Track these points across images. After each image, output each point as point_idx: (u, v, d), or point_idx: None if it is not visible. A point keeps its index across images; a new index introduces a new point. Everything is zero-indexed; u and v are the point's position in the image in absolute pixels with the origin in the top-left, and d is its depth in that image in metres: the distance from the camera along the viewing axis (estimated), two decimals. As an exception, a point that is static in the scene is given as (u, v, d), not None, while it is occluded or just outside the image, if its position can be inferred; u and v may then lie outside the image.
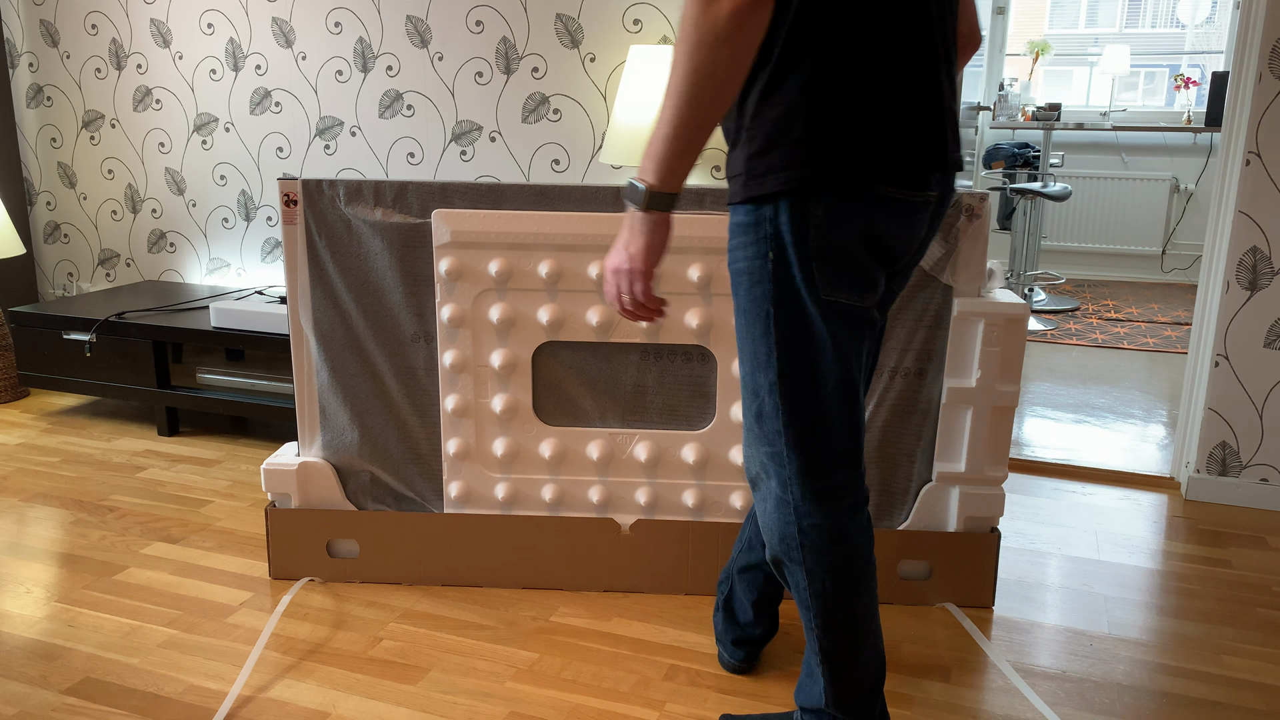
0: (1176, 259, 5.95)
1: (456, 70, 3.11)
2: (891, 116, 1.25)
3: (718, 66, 1.13)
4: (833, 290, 1.28)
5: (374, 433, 2.11)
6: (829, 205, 1.24)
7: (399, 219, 1.99)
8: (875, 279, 1.32)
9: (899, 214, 1.29)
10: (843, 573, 1.38)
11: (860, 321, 1.33)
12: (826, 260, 1.26)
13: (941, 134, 1.31)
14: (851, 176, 1.23)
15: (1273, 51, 2.43)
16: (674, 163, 1.19)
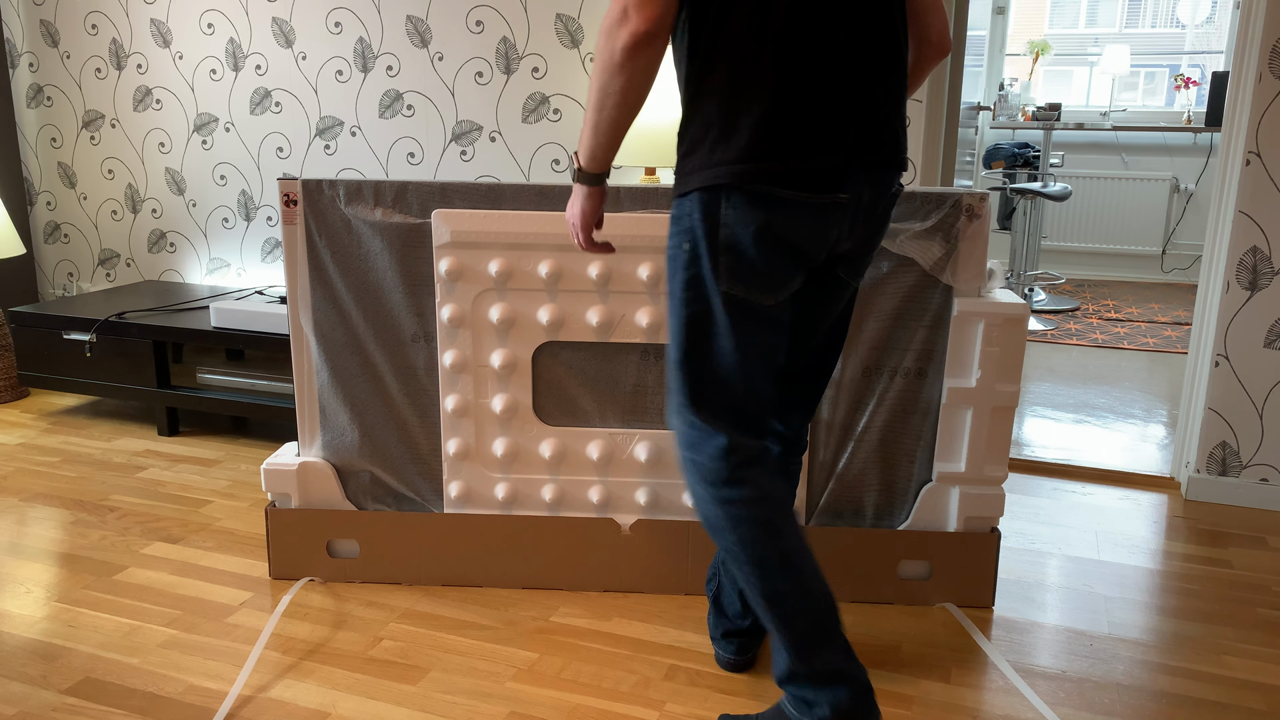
0: (1176, 259, 5.95)
1: (456, 70, 3.11)
2: (793, 124, 1.37)
3: (616, 88, 1.36)
4: (733, 284, 1.43)
5: (374, 433, 2.11)
6: (734, 206, 1.39)
7: (399, 219, 1.99)
8: (780, 277, 1.44)
9: (806, 215, 1.40)
10: (759, 528, 1.48)
11: (760, 317, 1.46)
12: (729, 256, 1.42)
13: (860, 137, 1.40)
14: (754, 181, 1.37)
15: (1273, 51, 2.43)
16: (596, 153, 1.46)
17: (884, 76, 1.43)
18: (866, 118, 1.41)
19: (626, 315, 1.99)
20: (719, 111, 1.38)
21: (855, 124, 1.40)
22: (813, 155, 1.38)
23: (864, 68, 1.41)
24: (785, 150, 1.37)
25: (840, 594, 2.11)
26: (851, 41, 1.39)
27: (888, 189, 1.49)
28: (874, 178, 1.45)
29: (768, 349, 1.50)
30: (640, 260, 1.96)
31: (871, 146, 1.43)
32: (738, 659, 1.84)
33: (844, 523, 2.09)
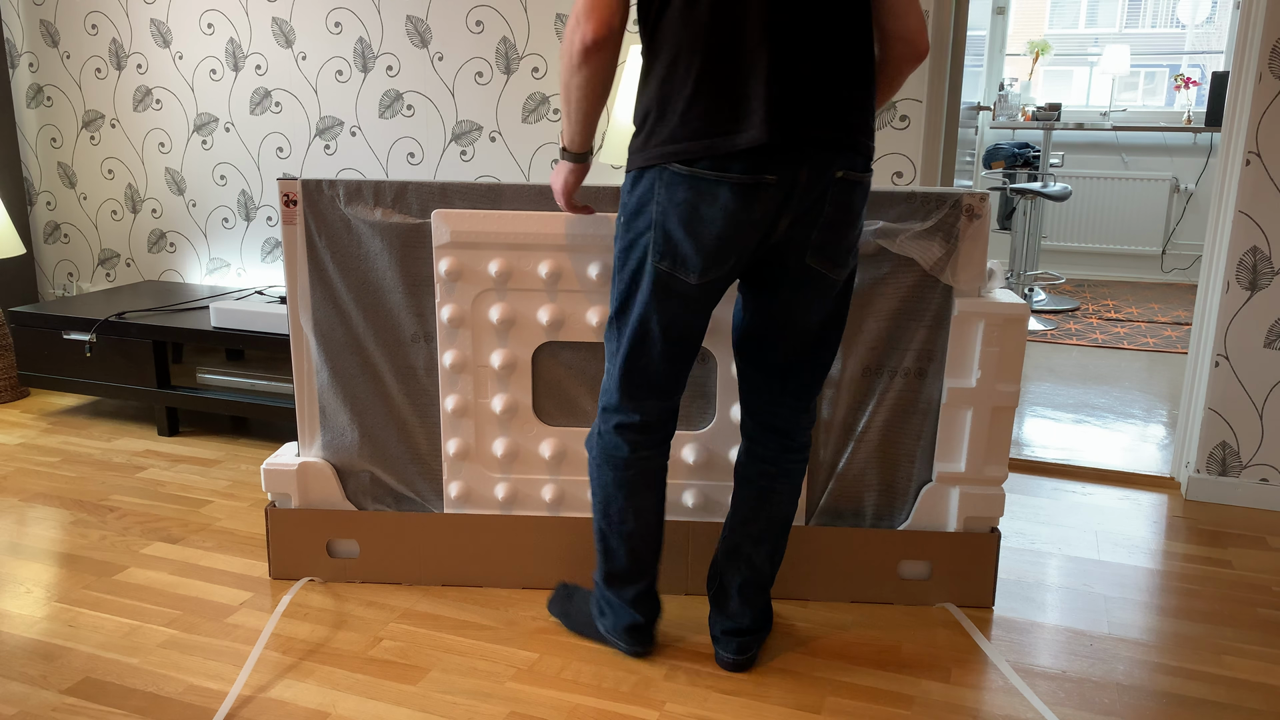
0: (1176, 259, 5.95)
1: (456, 70, 3.11)
2: (715, 108, 1.47)
3: (577, 84, 1.53)
4: (660, 259, 1.56)
5: (374, 433, 2.11)
6: (665, 185, 1.52)
7: (399, 219, 1.99)
8: (706, 258, 1.53)
9: (729, 196, 1.49)
10: (617, 473, 1.74)
11: (682, 295, 1.58)
12: (659, 233, 1.55)
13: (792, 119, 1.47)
14: (681, 161, 1.49)
15: (1273, 51, 2.43)
16: (574, 137, 1.63)
17: (827, 61, 1.49)
18: (800, 101, 1.48)
19: (626, 315, 1.99)
20: (656, 98, 1.51)
21: (784, 107, 1.47)
22: (734, 137, 1.47)
23: (799, 53, 1.47)
24: (708, 132, 1.47)
25: (840, 594, 2.11)
26: (784, 28, 1.46)
27: (828, 171, 1.51)
28: (812, 160, 1.50)
29: (684, 327, 1.63)
30: (640, 260, 1.96)
31: (806, 128, 1.48)
32: (738, 658, 1.84)
33: (844, 523, 2.09)
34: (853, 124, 1.52)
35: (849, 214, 1.58)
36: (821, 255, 1.59)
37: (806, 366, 1.72)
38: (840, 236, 1.59)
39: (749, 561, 1.82)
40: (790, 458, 1.79)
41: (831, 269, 1.61)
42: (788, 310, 1.65)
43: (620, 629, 1.86)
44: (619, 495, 1.75)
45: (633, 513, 1.76)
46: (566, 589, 2.01)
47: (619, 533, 1.78)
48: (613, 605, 1.86)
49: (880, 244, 1.93)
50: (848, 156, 1.53)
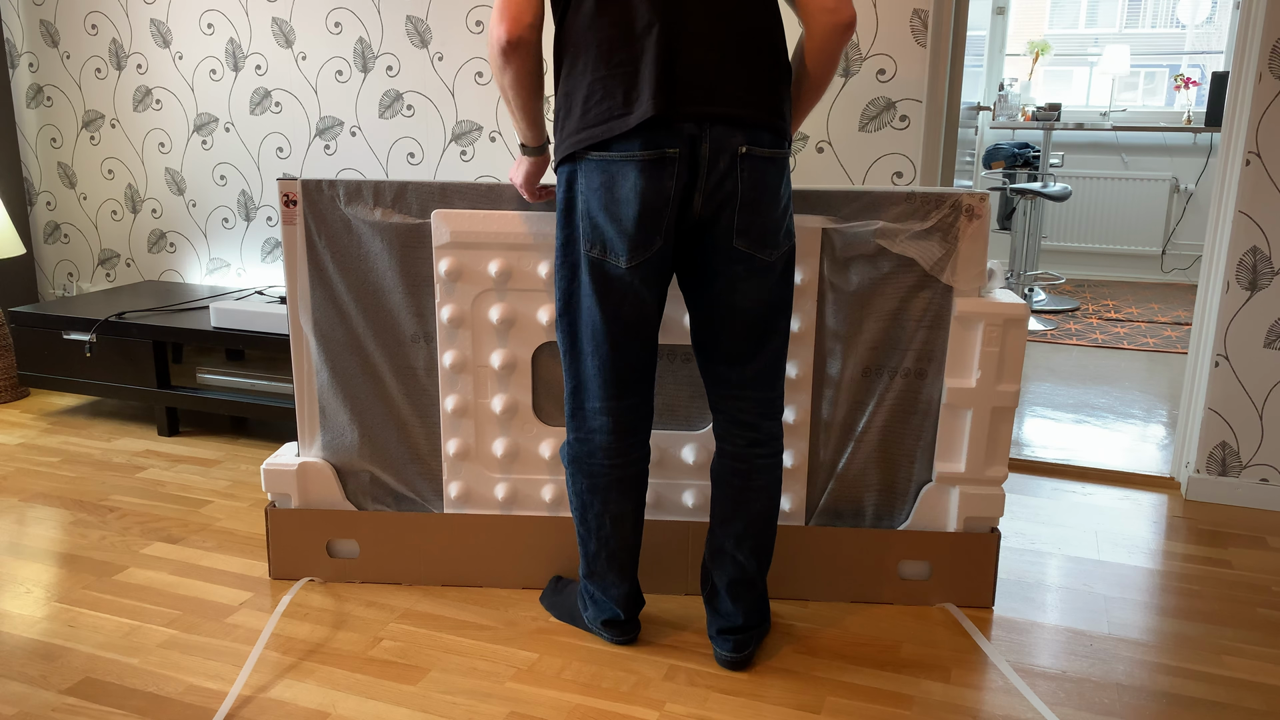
0: (1176, 259, 5.95)
1: (456, 70, 3.11)
2: (609, 91, 1.54)
3: (506, 84, 1.63)
4: (590, 246, 1.61)
5: (374, 433, 2.11)
6: (582, 173, 1.59)
7: (399, 219, 1.99)
8: (630, 238, 1.58)
9: (636, 172, 1.55)
10: (588, 481, 1.77)
11: (618, 280, 1.62)
12: (586, 220, 1.61)
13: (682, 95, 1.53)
14: (587, 147, 1.57)
15: (1273, 51, 2.43)
16: (523, 131, 1.71)
17: (722, 42, 1.54)
18: (690, 78, 1.53)
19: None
20: (564, 94, 1.60)
21: (671, 83, 1.52)
22: (627, 117, 1.53)
23: (691, 38, 1.53)
24: (607, 116, 1.54)
25: (840, 594, 2.11)
26: (669, 8, 1.52)
27: (731, 146, 1.55)
28: (711, 135, 1.54)
29: (628, 316, 1.66)
30: (640, 260, 1.96)
31: (698, 105, 1.53)
32: (735, 656, 1.84)
33: (844, 523, 2.09)
34: (753, 101, 1.56)
35: (765, 192, 1.60)
36: (747, 237, 1.62)
37: (757, 355, 1.73)
38: (761, 216, 1.61)
39: (734, 560, 1.82)
40: (759, 452, 1.79)
41: (760, 249, 1.63)
42: (726, 297, 1.67)
43: (602, 621, 1.91)
44: (594, 502, 1.78)
45: (609, 519, 1.79)
46: (559, 582, 2.08)
47: (598, 538, 1.81)
48: (595, 600, 1.90)
49: (880, 244, 1.93)
50: (752, 133, 1.56)
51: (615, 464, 1.75)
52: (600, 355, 1.68)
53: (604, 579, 1.86)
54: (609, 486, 1.76)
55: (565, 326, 1.71)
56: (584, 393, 1.73)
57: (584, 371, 1.71)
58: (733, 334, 1.70)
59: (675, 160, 1.55)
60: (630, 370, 1.71)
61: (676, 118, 1.53)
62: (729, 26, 1.55)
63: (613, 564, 1.84)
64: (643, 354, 1.71)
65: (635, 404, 1.74)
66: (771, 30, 1.59)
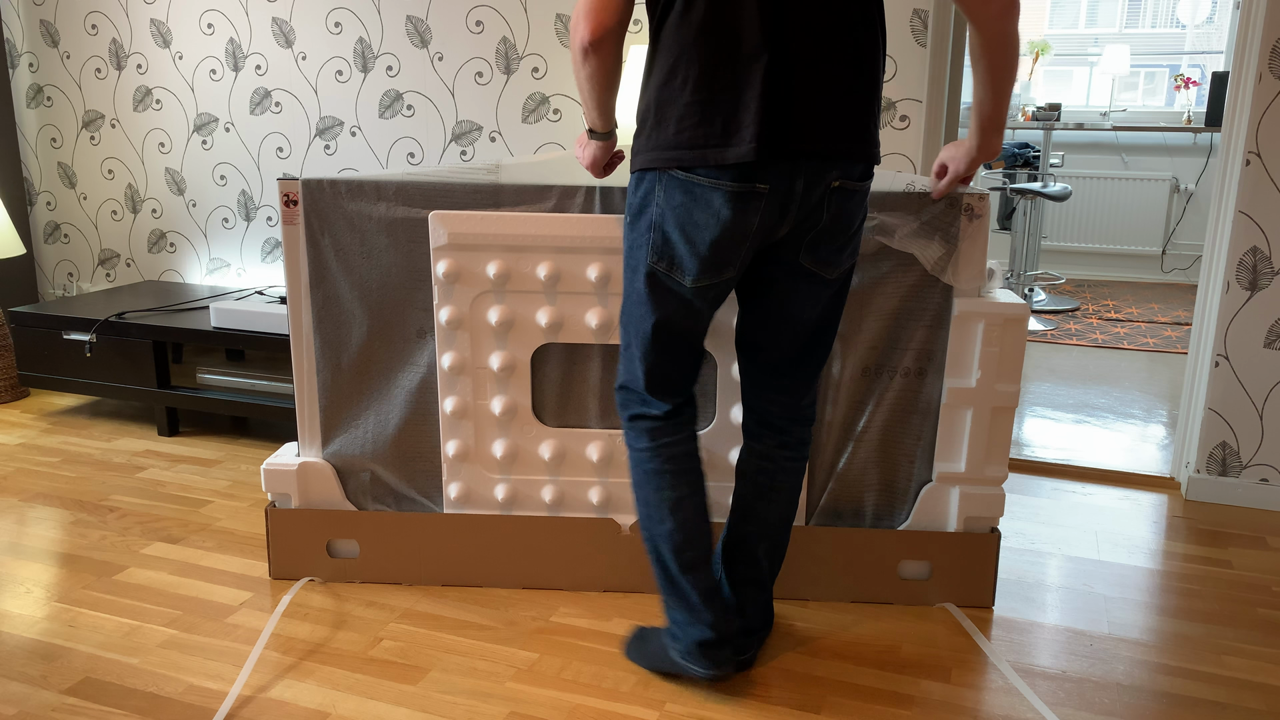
0: (1176, 259, 5.95)
1: (456, 70, 3.11)
2: (709, 115, 1.49)
3: (585, 76, 1.59)
4: (657, 260, 1.59)
5: (374, 433, 2.11)
6: (663, 189, 1.55)
7: (400, 215, 1.99)
8: (700, 262, 1.55)
9: (723, 203, 1.51)
10: (644, 467, 1.72)
11: (677, 295, 1.60)
12: (656, 234, 1.57)
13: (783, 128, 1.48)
14: (676, 167, 1.52)
15: (1273, 51, 2.43)
16: (594, 120, 1.68)
17: (828, 68, 1.49)
18: (795, 115, 1.49)
19: (626, 315, 1.99)
20: (654, 101, 1.55)
21: (776, 123, 1.48)
22: (724, 150, 1.49)
23: (798, 62, 1.48)
24: (701, 143, 1.50)
25: (840, 594, 2.11)
26: (782, 35, 1.47)
27: (824, 180, 1.53)
28: (806, 170, 1.51)
29: (678, 327, 1.64)
30: (640, 260, 1.96)
31: (799, 142, 1.49)
32: (737, 658, 1.83)
33: (844, 523, 2.09)
34: (851, 134, 1.53)
35: (846, 221, 1.60)
36: (815, 256, 1.61)
37: (801, 364, 1.74)
38: (835, 241, 1.61)
39: (748, 559, 1.82)
40: (787, 454, 1.79)
41: (825, 269, 1.63)
42: (782, 308, 1.67)
43: (691, 645, 1.70)
44: (650, 490, 1.71)
45: (669, 508, 1.70)
46: (642, 630, 1.89)
47: (663, 534, 1.70)
48: (680, 625, 1.72)
49: (880, 240, 1.93)
50: (845, 165, 1.54)
51: (665, 444, 1.71)
52: (649, 360, 1.68)
53: (682, 589, 1.70)
54: (662, 469, 1.70)
55: (625, 321, 1.70)
56: (633, 390, 1.73)
57: (635, 372, 1.71)
58: (781, 341, 1.71)
59: (764, 196, 1.52)
60: (677, 373, 1.70)
61: (776, 155, 1.50)
62: (835, 53, 1.50)
63: (684, 563, 1.70)
64: (689, 361, 1.70)
65: (680, 400, 1.73)
66: (875, 53, 1.54)
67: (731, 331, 1.98)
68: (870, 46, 1.53)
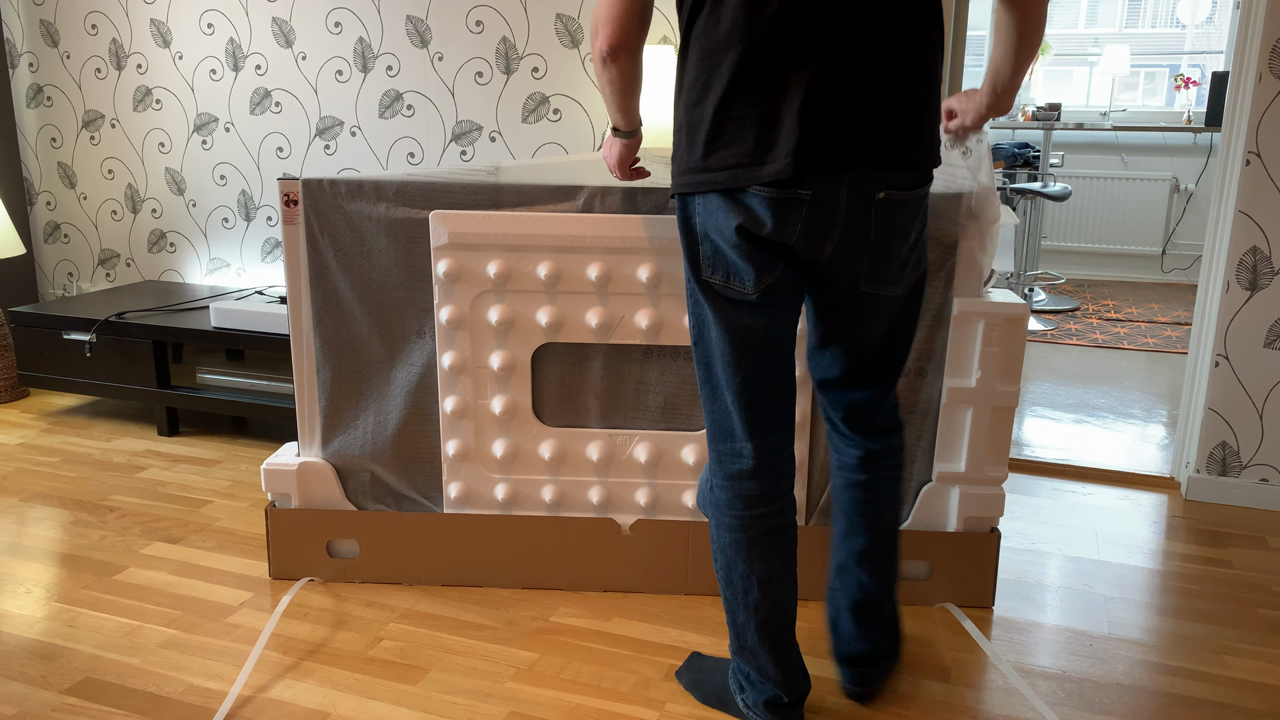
0: (1176, 259, 5.95)
1: (456, 70, 3.11)
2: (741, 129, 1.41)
3: (605, 81, 1.58)
4: (712, 273, 1.51)
5: (374, 433, 2.11)
6: (703, 202, 1.48)
7: (401, 215, 1.99)
8: (750, 266, 1.47)
9: (766, 209, 1.42)
10: (734, 534, 1.58)
11: (742, 305, 1.51)
12: (704, 246, 1.50)
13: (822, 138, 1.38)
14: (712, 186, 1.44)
15: (1273, 51, 2.43)
16: (618, 119, 1.66)
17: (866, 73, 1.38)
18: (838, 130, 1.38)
19: (626, 317, 1.99)
20: (685, 122, 1.48)
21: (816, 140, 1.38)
22: (758, 169, 1.40)
23: (844, 68, 1.37)
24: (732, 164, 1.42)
25: (840, 594, 2.11)
26: (813, 41, 1.36)
27: (870, 190, 1.42)
28: (850, 180, 1.41)
29: (760, 343, 1.53)
30: (639, 262, 1.96)
31: (839, 149, 1.39)
32: (856, 690, 1.75)
33: (844, 523, 2.09)
34: (900, 140, 1.42)
35: (896, 234, 1.49)
36: (874, 280, 1.52)
37: (882, 369, 1.64)
38: (889, 258, 1.50)
39: (857, 579, 1.71)
40: (880, 464, 1.69)
41: (887, 289, 1.54)
42: (852, 327, 1.59)
43: (761, 704, 1.64)
44: (739, 560, 1.58)
45: (757, 581, 1.58)
46: (698, 658, 1.83)
47: (745, 604, 1.60)
48: (752, 680, 1.65)
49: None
50: (894, 175, 1.44)
51: (760, 513, 1.57)
52: (734, 386, 1.54)
53: (756, 655, 1.62)
54: (755, 541, 1.57)
55: (700, 357, 1.58)
56: (725, 429, 1.58)
57: (723, 405, 1.57)
58: (851, 360, 1.63)
59: (805, 203, 1.41)
60: (769, 400, 1.55)
61: (815, 165, 1.39)
62: (880, 56, 1.39)
63: (765, 635, 1.60)
64: (778, 385, 1.56)
65: (778, 442, 1.58)
66: (928, 51, 1.44)
67: None
68: (921, 45, 1.42)
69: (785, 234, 1.44)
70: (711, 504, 1.62)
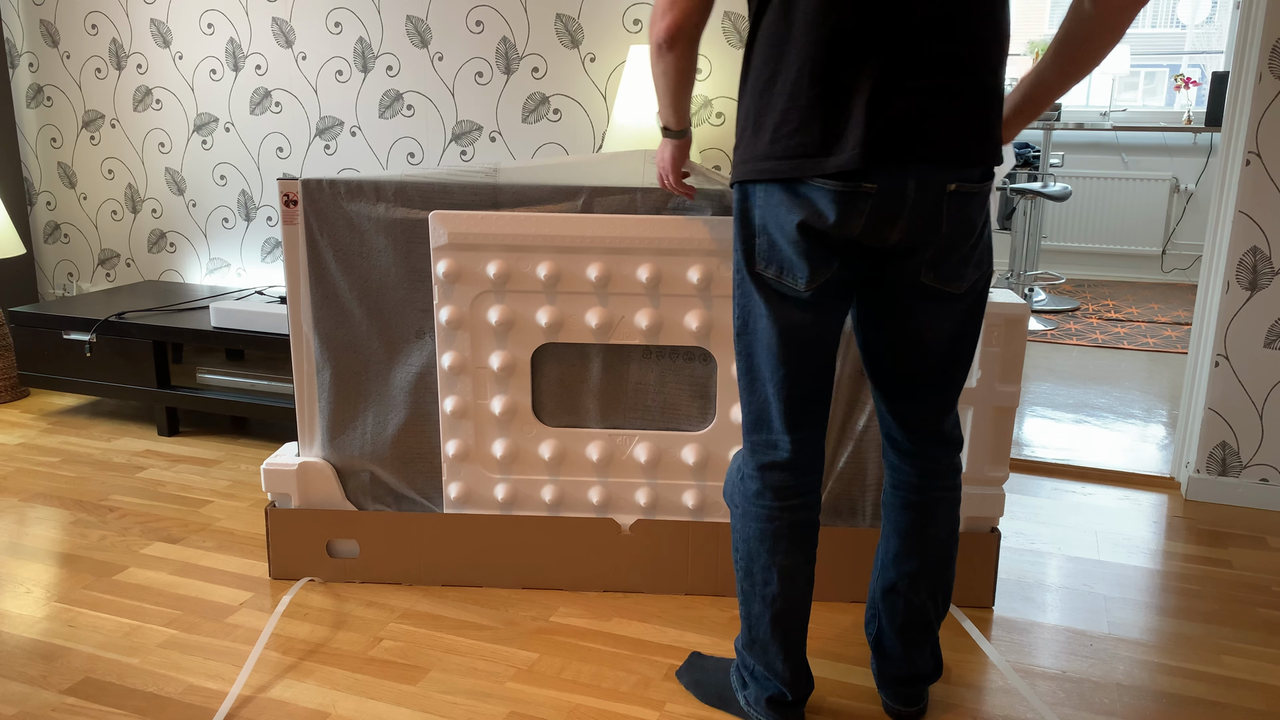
0: (1176, 259, 5.95)
1: (456, 70, 3.11)
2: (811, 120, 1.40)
3: (659, 72, 1.55)
4: (766, 266, 1.49)
5: (374, 433, 2.11)
6: (763, 192, 1.47)
7: (400, 215, 1.99)
8: (805, 263, 1.46)
9: (831, 203, 1.41)
10: (761, 525, 1.59)
11: (791, 300, 1.50)
12: (760, 239, 1.49)
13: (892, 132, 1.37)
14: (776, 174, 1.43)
15: (1273, 51, 2.43)
16: (668, 116, 1.63)
17: (936, 67, 1.37)
18: (907, 122, 1.37)
19: (626, 317, 1.99)
20: (752, 110, 1.46)
21: (886, 132, 1.36)
22: (823, 160, 1.39)
23: (903, 59, 1.36)
24: (798, 153, 1.40)
25: (839, 594, 2.11)
26: (886, 33, 1.35)
27: (939, 183, 1.40)
28: (919, 172, 1.39)
29: (807, 337, 1.51)
30: (639, 262, 1.96)
31: (907, 142, 1.37)
32: (905, 710, 1.72)
33: (843, 522, 2.09)
34: (968, 135, 1.40)
35: (967, 228, 1.46)
36: (939, 273, 1.48)
37: (939, 389, 1.60)
38: (956, 251, 1.48)
39: (909, 602, 1.67)
40: (938, 484, 1.65)
41: (948, 284, 1.50)
42: (906, 329, 1.55)
43: (763, 701, 1.66)
44: (762, 551, 1.59)
45: (777, 574, 1.59)
46: (699, 658, 1.84)
47: (762, 596, 1.61)
48: (756, 676, 1.67)
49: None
50: (961, 170, 1.42)
51: (789, 505, 1.58)
52: (776, 380, 1.53)
53: (766, 649, 1.63)
54: (780, 533, 1.58)
55: (743, 348, 1.57)
56: (763, 421, 1.58)
57: (761, 397, 1.56)
58: (913, 364, 1.57)
59: (871, 196, 1.39)
60: (807, 397, 1.55)
61: (884, 159, 1.38)
62: (952, 50, 1.37)
63: (777, 629, 1.62)
64: (819, 382, 1.56)
65: (813, 437, 1.58)
66: (998, 45, 1.42)
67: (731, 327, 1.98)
68: (993, 38, 1.41)
69: (849, 228, 1.41)
70: (740, 494, 1.62)
